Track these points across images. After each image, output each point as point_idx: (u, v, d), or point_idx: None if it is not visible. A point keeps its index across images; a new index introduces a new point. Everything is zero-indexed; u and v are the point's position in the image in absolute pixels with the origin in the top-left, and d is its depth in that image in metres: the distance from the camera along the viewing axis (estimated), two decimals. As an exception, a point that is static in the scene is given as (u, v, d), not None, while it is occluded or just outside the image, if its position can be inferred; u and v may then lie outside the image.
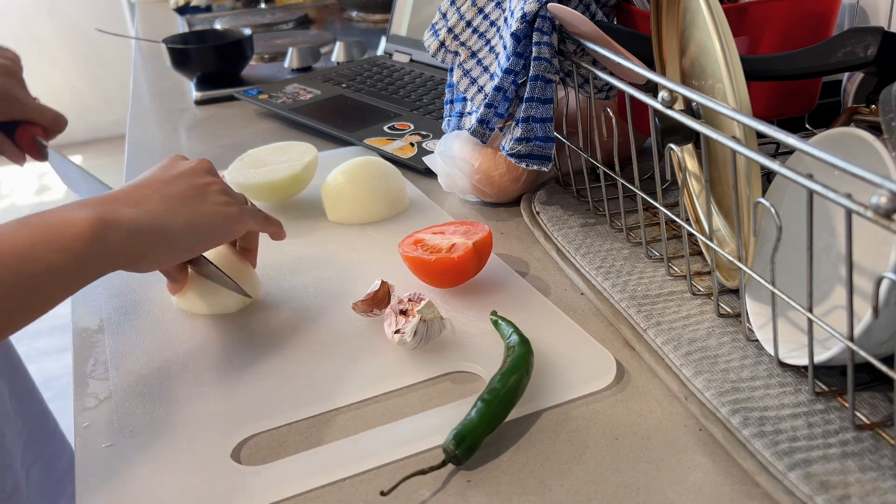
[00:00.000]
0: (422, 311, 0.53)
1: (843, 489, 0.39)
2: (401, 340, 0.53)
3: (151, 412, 0.51)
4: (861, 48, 0.51)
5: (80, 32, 3.53)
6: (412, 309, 0.53)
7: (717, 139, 0.45)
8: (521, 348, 0.50)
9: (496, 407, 0.46)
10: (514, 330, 0.52)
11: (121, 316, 0.62)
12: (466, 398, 0.50)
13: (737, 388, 0.47)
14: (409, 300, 0.54)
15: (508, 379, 0.47)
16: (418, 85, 1.12)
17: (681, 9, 0.56)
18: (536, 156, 0.66)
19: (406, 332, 0.52)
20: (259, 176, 0.76)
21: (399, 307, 0.54)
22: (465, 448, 0.44)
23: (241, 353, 0.56)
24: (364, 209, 0.73)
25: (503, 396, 0.46)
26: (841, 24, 0.74)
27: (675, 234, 0.66)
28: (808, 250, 0.41)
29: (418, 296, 0.54)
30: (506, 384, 0.47)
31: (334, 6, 1.86)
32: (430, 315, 0.53)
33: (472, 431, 0.44)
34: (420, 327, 0.52)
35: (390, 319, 0.54)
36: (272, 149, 0.80)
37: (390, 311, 0.55)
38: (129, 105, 1.23)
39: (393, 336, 0.53)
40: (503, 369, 0.48)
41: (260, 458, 0.47)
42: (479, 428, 0.45)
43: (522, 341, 0.51)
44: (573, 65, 0.65)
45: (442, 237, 0.62)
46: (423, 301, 0.53)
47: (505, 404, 0.46)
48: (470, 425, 0.45)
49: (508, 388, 0.47)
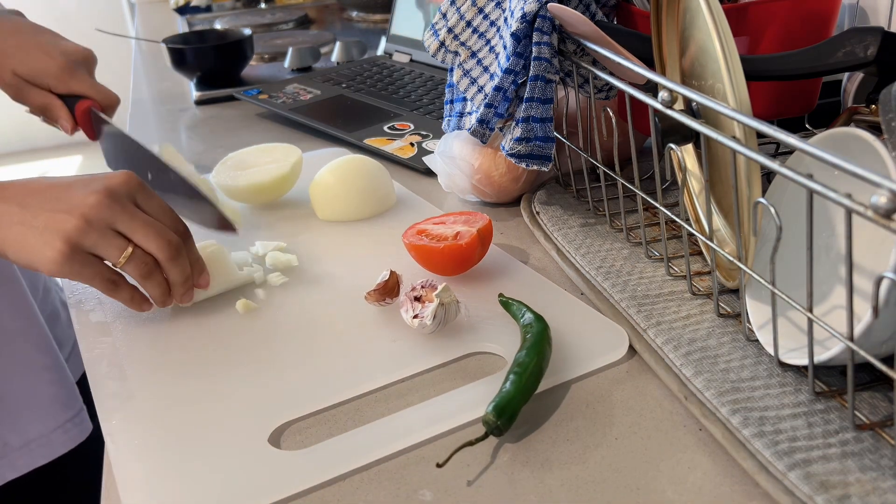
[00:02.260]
0: (440, 295, 0.54)
1: (843, 489, 0.39)
2: (420, 325, 0.54)
3: (179, 408, 0.51)
4: (861, 48, 0.51)
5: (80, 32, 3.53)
6: (428, 294, 0.55)
7: (717, 139, 0.45)
8: (539, 325, 0.52)
9: (528, 379, 0.48)
10: (527, 308, 0.55)
11: (128, 315, 0.62)
12: (490, 376, 0.51)
13: (737, 388, 0.47)
14: (422, 287, 0.56)
15: (534, 352, 0.50)
16: (418, 85, 1.12)
17: (681, 9, 0.56)
18: (536, 156, 0.66)
19: (426, 317, 0.54)
20: (246, 178, 0.76)
21: (413, 294, 0.56)
22: (506, 418, 0.46)
23: (261, 348, 0.57)
24: (354, 206, 0.74)
25: (533, 368, 0.49)
26: (841, 24, 0.74)
27: (675, 234, 0.66)
28: (808, 250, 0.41)
29: (431, 282, 0.56)
30: (533, 357, 0.49)
31: (334, 6, 1.86)
32: (448, 299, 0.55)
33: (511, 402, 0.46)
34: (439, 311, 0.54)
35: (406, 306, 0.55)
36: (254, 150, 0.81)
37: (405, 298, 0.56)
38: (129, 105, 1.23)
39: (412, 321, 0.54)
40: (527, 345, 0.50)
41: (299, 444, 0.48)
42: (517, 398, 0.47)
43: (538, 318, 0.53)
44: (573, 65, 0.65)
45: (444, 227, 0.64)
46: (440, 286, 0.55)
47: (536, 376, 0.49)
48: (507, 396, 0.46)
49: (536, 360, 0.49)
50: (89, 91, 0.79)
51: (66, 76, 0.78)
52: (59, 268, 0.55)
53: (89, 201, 0.55)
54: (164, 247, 0.57)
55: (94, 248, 0.55)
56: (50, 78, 0.78)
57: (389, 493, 0.44)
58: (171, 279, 0.58)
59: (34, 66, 0.77)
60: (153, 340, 0.59)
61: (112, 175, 0.57)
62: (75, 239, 0.54)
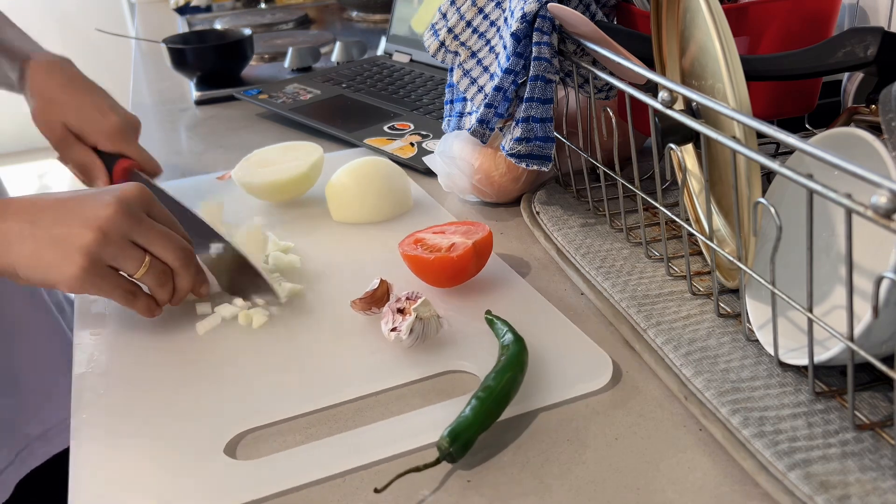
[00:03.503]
0: (418, 310, 0.53)
1: (843, 489, 0.39)
2: (397, 338, 0.53)
3: (145, 408, 0.51)
4: (861, 48, 0.51)
5: (80, 32, 3.53)
6: (409, 307, 0.54)
7: (717, 139, 0.45)
8: (515, 347, 0.50)
9: (490, 405, 0.46)
10: (509, 329, 0.52)
11: (120, 312, 0.62)
12: (461, 396, 0.50)
13: (737, 388, 0.47)
14: (406, 298, 0.55)
15: (503, 377, 0.47)
16: (418, 85, 1.12)
17: (681, 9, 0.56)
18: (536, 156, 0.66)
19: (402, 330, 0.53)
20: (266, 175, 0.76)
21: (396, 305, 0.54)
22: (460, 445, 0.44)
23: (236, 350, 0.57)
24: (368, 209, 0.73)
25: (497, 394, 0.46)
26: (841, 24, 0.74)
27: (675, 234, 0.66)
28: (808, 250, 0.41)
29: (415, 294, 0.55)
30: (500, 382, 0.47)
31: (334, 6, 1.86)
32: (427, 313, 0.53)
33: (467, 429, 0.44)
34: (416, 325, 0.53)
35: (387, 318, 0.54)
36: (278, 149, 0.81)
37: (387, 309, 0.55)
38: (129, 105, 1.23)
39: (389, 334, 0.53)
40: (497, 367, 0.48)
41: (254, 454, 0.47)
42: (474, 425, 0.45)
43: (517, 340, 0.51)
44: (573, 65, 0.65)
45: (442, 237, 0.62)
46: (420, 299, 0.54)
47: (499, 402, 0.47)
48: (465, 423, 0.45)
49: (502, 386, 0.47)
50: (135, 155, 0.78)
51: (118, 137, 0.77)
52: (79, 283, 0.54)
53: (105, 214, 0.54)
54: (180, 255, 0.57)
55: (113, 260, 0.55)
56: (101, 136, 0.77)
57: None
58: (180, 286, 0.59)
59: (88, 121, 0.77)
60: (140, 336, 0.59)
61: (123, 187, 0.57)
62: (95, 252, 0.54)
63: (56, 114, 0.77)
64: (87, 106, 0.78)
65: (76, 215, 0.54)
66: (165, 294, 0.58)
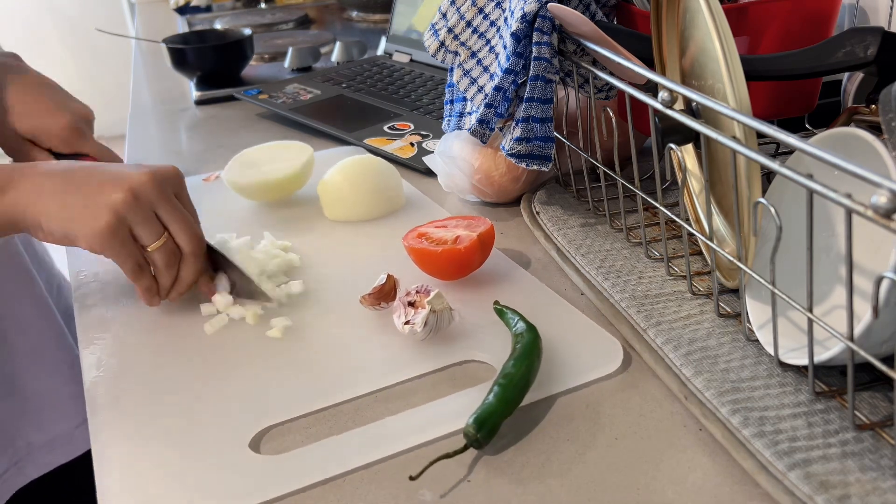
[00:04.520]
0: (431, 302, 0.54)
1: (843, 489, 0.39)
2: (411, 331, 0.54)
3: (164, 408, 0.51)
4: (861, 48, 0.51)
5: (80, 32, 3.53)
6: (421, 300, 0.54)
7: (717, 139, 0.45)
8: (530, 334, 0.51)
9: (512, 391, 0.47)
10: (520, 317, 0.53)
11: (126, 313, 0.62)
12: (477, 385, 0.51)
13: (737, 388, 0.47)
14: (416, 292, 0.55)
15: (522, 364, 0.49)
16: (418, 85, 1.12)
17: (681, 9, 0.56)
18: (536, 156, 0.66)
19: (416, 323, 0.53)
20: (257, 175, 0.76)
21: (407, 299, 0.55)
22: (486, 432, 0.45)
23: (248, 348, 0.57)
24: (362, 207, 0.74)
25: (518, 381, 0.48)
26: (841, 24, 0.74)
27: (675, 234, 0.66)
28: (808, 250, 0.41)
29: (426, 287, 0.55)
30: (520, 369, 0.48)
31: (334, 6, 1.86)
32: (440, 306, 0.54)
33: (492, 415, 0.45)
34: (430, 318, 0.53)
35: (399, 311, 0.55)
36: (267, 148, 0.81)
37: (399, 303, 0.55)
38: (128, 105, 1.23)
39: (403, 327, 0.54)
40: (515, 355, 0.49)
41: (280, 448, 0.47)
42: (498, 411, 0.46)
43: (530, 328, 0.52)
44: (573, 65, 0.65)
45: (445, 230, 0.63)
46: (433, 292, 0.54)
47: (521, 388, 0.48)
48: (489, 409, 0.46)
49: (522, 372, 0.48)
50: (93, 152, 0.77)
51: (72, 137, 0.76)
52: (99, 240, 0.54)
53: (139, 179, 0.55)
54: (194, 241, 0.58)
55: (136, 225, 0.55)
56: (55, 140, 0.75)
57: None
58: (184, 275, 0.59)
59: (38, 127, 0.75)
60: (147, 338, 0.59)
61: (160, 165, 0.58)
62: (122, 212, 0.54)
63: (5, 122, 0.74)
64: (36, 110, 0.75)
65: (111, 175, 0.55)
66: (168, 278, 0.58)
